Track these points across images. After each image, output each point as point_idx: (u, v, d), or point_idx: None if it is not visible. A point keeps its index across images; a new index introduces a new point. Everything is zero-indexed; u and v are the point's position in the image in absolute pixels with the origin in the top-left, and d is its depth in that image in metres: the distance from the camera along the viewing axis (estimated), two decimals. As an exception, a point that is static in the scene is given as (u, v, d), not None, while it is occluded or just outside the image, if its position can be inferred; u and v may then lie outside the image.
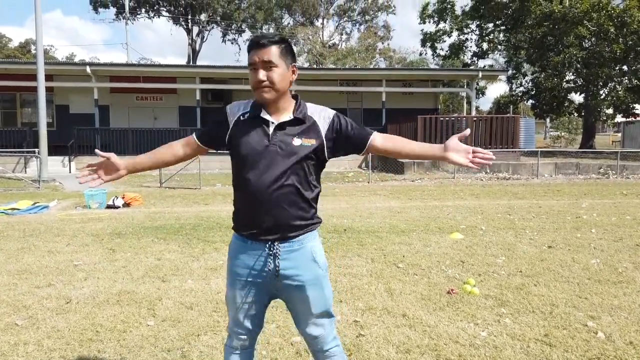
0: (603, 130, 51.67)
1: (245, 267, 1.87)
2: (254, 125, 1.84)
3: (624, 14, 19.40)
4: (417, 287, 4.06)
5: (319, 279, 1.90)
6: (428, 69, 29.70)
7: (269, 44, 1.79)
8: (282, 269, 1.83)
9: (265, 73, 1.79)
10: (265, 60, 1.78)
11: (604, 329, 3.18)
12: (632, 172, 14.59)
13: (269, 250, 1.83)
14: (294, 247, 1.85)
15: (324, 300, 1.92)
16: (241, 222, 1.91)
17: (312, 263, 1.89)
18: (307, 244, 1.88)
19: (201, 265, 4.72)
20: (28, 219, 7.47)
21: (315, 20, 47.99)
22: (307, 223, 1.88)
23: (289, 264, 1.84)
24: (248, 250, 1.87)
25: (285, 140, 1.81)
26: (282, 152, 1.80)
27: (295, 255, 1.85)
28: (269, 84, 1.79)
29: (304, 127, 1.85)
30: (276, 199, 1.79)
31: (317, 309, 1.91)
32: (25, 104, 20.31)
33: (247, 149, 1.82)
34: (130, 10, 38.46)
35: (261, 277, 1.86)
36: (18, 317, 3.42)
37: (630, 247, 5.47)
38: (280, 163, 1.79)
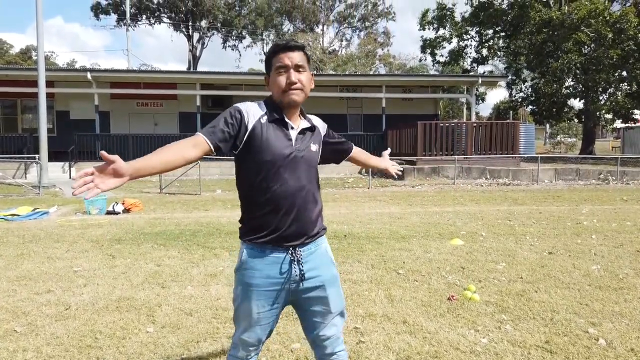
0: (603, 136, 51.74)
1: (265, 277, 1.83)
2: (276, 129, 1.81)
3: (621, 20, 19.49)
4: (417, 293, 4.05)
5: (336, 277, 1.97)
6: (428, 75, 29.82)
7: (298, 48, 1.83)
8: (306, 273, 1.85)
9: (298, 76, 1.81)
10: (298, 64, 1.81)
11: (605, 335, 3.17)
12: (632, 178, 14.59)
13: (291, 256, 1.83)
14: (312, 249, 1.89)
15: (340, 298, 1.98)
16: (261, 231, 1.82)
17: (329, 262, 1.96)
18: (322, 245, 1.95)
19: (201, 272, 4.71)
20: (28, 225, 7.46)
21: (316, 26, 48.18)
22: (321, 224, 1.96)
23: (310, 265, 1.87)
24: (267, 259, 1.83)
25: (306, 146, 1.87)
26: (304, 158, 1.84)
27: (314, 256, 1.89)
28: (300, 86, 1.82)
29: (315, 134, 1.94)
30: (301, 204, 1.82)
31: (335, 307, 1.94)
32: (26, 110, 20.35)
33: (272, 155, 1.77)
34: (131, 16, 38.62)
35: (282, 284, 1.84)
36: (17, 324, 3.41)
37: (631, 253, 5.46)
38: (304, 169, 1.84)
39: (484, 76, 23.67)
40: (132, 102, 20.50)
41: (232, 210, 9.07)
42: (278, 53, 1.82)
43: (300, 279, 1.84)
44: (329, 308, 1.92)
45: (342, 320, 2.00)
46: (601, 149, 30.34)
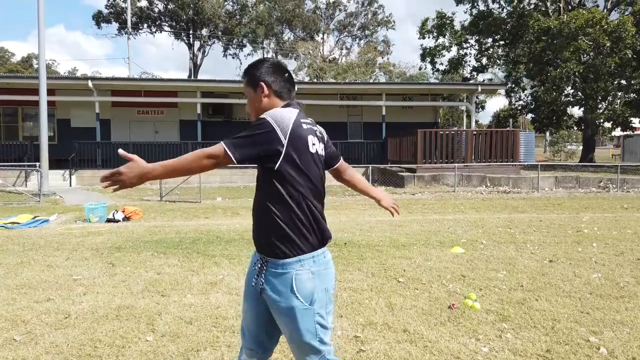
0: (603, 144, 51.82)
1: (250, 272, 1.98)
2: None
3: (619, 29, 19.60)
4: (417, 301, 4.04)
5: (292, 310, 1.78)
6: (427, 83, 29.89)
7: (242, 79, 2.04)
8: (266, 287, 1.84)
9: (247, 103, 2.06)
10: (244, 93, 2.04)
11: (607, 344, 3.16)
12: (632, 185, 14.59)
13: (261, 263, 1.90)
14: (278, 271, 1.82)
15: (298, 335, 1.80)
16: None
17: (288, 292, 1.79)
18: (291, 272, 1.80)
19: (201, 280, 4.70)
20: (28, 233, 7.45)
21: (316, 35, 48.46)
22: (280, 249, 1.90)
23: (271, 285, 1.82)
24: (252, 261, 2.01)
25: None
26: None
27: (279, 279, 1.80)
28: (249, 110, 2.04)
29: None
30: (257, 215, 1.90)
31: (292, 340, 1.85)
32: (27, 118, 20.40)
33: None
34: (132, 25, 38.85)
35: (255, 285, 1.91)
36: (16, 332, 3.40)
37: (631, 261, 5.45)
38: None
39: (483, 84, 23.75)
40: (133, 110, 20.56)
41: (232, 218, 9.06)
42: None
43: (260, 288, 1.85)
44: (287, 338, 1.87)
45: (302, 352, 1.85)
46: (601, 157, 30.37)
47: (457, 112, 42.20)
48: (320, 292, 1.81)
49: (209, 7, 40.07)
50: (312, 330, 1.80)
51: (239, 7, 44.17)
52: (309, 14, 47.17)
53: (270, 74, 1.91)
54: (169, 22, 43.44)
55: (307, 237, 1.79)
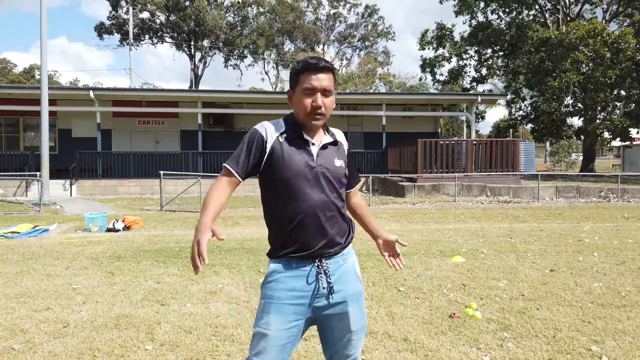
0: (603, 154, 51.85)
1: (288, 289, 1.81)
2: (297, 146, 1.83)
3: (619, 40, 19.71)
4: (418, 310, 4.02)
5: (360, 293, 1.94)
6: (428, 93, 30.02)
7: (327, 70, 1.81)
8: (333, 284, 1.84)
9: (324, 100, 1.81)
10: (325, 88, 1.80)
11: (608, 353, 3.14)
12: (632, 195, 14.57)
13: (317, 269, 1.82)
14: (339, 262, 1.88)
15: (362, 316, 1.95)
16: (286, 246, 1.83)
17: (355, 278, 1.93)
18: (350, 259, 1.93)
19: (200, 289, 4.69)
20: (28, 243, 7.44)
21: (316, 46, 48.79)
22: (347, 238, 1.92)
23: (336, 278, 1.86)
24: (293, 272, 1.82)
25: (329, 161, 1.86)
26: (327, 172, 1.84)
27: (341, 270, 1.88)
28: (324, 111, 1.82)
29: (338, 149, 1.94)
30: (325, 218, 1.82)
31: (355, 325, 1.90)
32: (28, 128, 20.48)
33: (292, 172, 1.79)
34: (134, 36, 39.13)
35: (307, 298, 1.81)
36: (15, 342, 3.38)
37: (632, 270, 5.43)
38: (327, 184, 1.83)
39: (483, 94, 23.85)
40: (134, 120, 20.63)
41: (232, 228, 9.05)
42: (308, 72, 1.79)
43: (328, 291, 1.83)
44: (350, 326, 1.88)
45: (361, 340, 1.96)
46: (602, 167, 30.38)
47: (457, 122, 42.31)
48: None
49: (210, 18, 40.39)
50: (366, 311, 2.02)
51: (240, 18, 44.53)
52: (309, 25, 47.55)
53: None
54: (171, 33, 43.75)
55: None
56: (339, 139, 1.97)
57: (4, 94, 18.48)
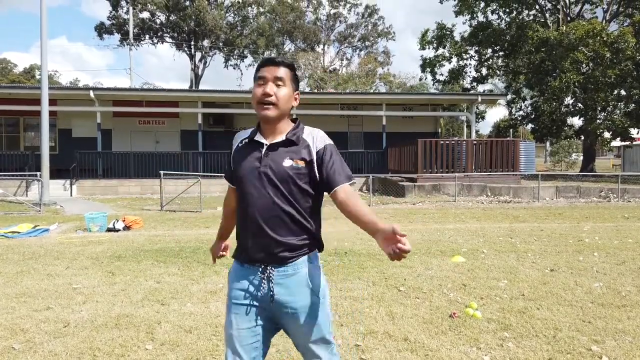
0: (603, 154, 51.86)
1: (242, 290, 1.85)
2: (250, 149, 1.87)
3: (618, 40, 19.71)
4: (418, 310, 4.02)
5: (313, 306, 1.84)
6: (428, 93, 30.02)
7: (282, 63, 1.84)
8: (276, 295, 1.79)
9: (274, 89, 1.80)
10: (277, 77, 1.80)
11: (609, 353, 3.14)
12: (633, 195, 14.57)
13: (261, 274, 1.81)
14: (288, 272, 1.81)
15: (318, 328, 1.86)
16: (239, 247, 1.91)
17: (305, 289, 1.83)
18: (302, 270, 1.83)
19: (201, 289, 4.69)
20: (28, 242, 7.44)
21: (316, 46, 48.81)
22: (301, 246, 1.82)
23: (283, 289, 1.80)
24: (244, 274, 1.86)
25: (276, 161, 1.79)
26: (271, 172, 1.78)
27: (289, 280, 1.81)
28: (274, 100, 1.79)
29: (295, 149, 1.82)
30: (268, 222, 1.78)
31: (310, 337, 1.86)
32: (28, 128, 20.48)
33: (241, 173, 1.84)
34: (134, 36, 39.13)
35: (257, 300, 1.83)
36: (15, 341, 3.38)
37: (633, 270, 5.43)
38: (270, 185, 1.77)
39: (483, 94, 23.85)
40: (134, 120, 20.64)
41: (233, 228, 9.04)
42: (261, 66, 1.84)
43: (270, 299, 1.80)
44: (304, 336, 1.85)
45: (327, 348, 1.90)
46: (602, 167, 30.37)
47: (458, 122, 42.32)
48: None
49: (210, 18, 40.39)
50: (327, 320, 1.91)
51: (240, 18, 44.54)
52: (309, 25, 47.55)
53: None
54: (171, 33, 43.76)
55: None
56: (306, 137, 1.84)
57: (4, 93, 18.49)
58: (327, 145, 1.85)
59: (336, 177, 1.80)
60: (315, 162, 1.82)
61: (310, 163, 1.81)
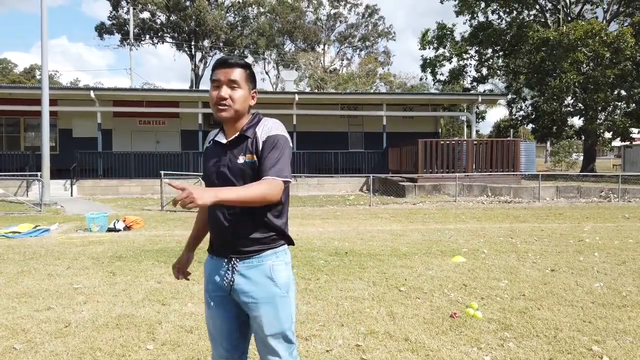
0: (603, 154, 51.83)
1: (212, 282, 1.93)
2: (213, 149, 1.94)
3: (618, 40, 19.71)
4: (419, 310, 4.02)
5: (274, 297, 1.85)
6: (428, 93, 30.02)
7: (235, 65, 1.85)
8: (237, 284, 1.85)
9: (229, 92, 1.83)
10: (231, 79, 1.83)
11: (609, 353, 3.14)
12: (633, 195, 14.56)
13: (227, 265, 1.88)
14: (252, 264, 1.86)
15: (277, 321, 1.86)
16: (209, 240, 2.00)
17: (267, 280, 1.86)
18: (267, 262, 1.86)
19: (201, 289, 4.67)
20: (29, 242, 7.45)
21: (317, 46, 48.81)
22: (265, 241, 1.86)
23: (244, 280, 1.85)
24: (213, 266, 1.95)
25: (232, 159, 1.83)
26: (230, 171, 1.83)
27: (252, 271, 1.85)
28: (229, 103, 1.83)
29: (246, 144, 1.83)
30: (230, 219, 1.84)
31: (269, 329, 1.85)
32: (28, 128, 20.48)
33: (206, 172, 1.92)
34: (134, 36, 39.14)
35: (224, 290, 1.90)
36: (16, 341, 3.38)
37: (633, 270, 5.43)
38: (229, 182, 1.81)
39: (484, 94, 23.84)
40: (135, 120, 20.64)
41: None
42: (215, 68, 1.87)
43: (229, 288, 1.87)
44: (262, 328, 1.85)
45: (286, 347, 1.88)
46: (602, 167, 30.36)
47: (458, 122, 42.31)
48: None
49: (210, 18, 40.40)
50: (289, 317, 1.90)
51: (241, 18, 44.56)
52: (310, 25, 47.56)
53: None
54: (171, 33, 43.78)
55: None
56: (257, 130, 1.83)
57: (5, 94, 18.49)
58: (272, 136, 1.81)
59: (265, 167, 1.76)
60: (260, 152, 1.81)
61: (258, 154, 1.81)
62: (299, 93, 20.02)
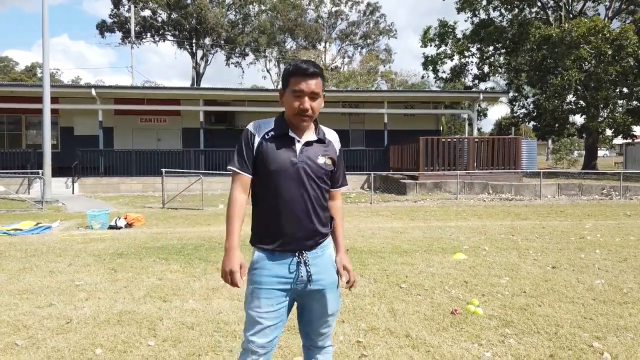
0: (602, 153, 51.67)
1: (273, 275, 1.96)
2: (282, 142, 1.97)
3: (620, 37, 19.64)
4: (420, 307, 4.03)
5: (336, 282, 2.10)
6: (429, 91, 29.94)
7: (315, 75, 1.94)
8: (313, 274, 1.98)
9: (311, 103, 1.93)
10: (314, 91, 1.93)
11: (610, 349, 3.14)
12: (635, 193, 14.54)
13: (298, 259, 1.96)
14: (318, 254, 2.02)
15: (337, 302, 2.12)
16: (269, 236, 1.99)
17: (331, 267, 2.07)
18: (327, 251, 2.07)
19: (202, 286, 4.70)
20: (30, 240, 7.47)
21: (318, 44, 48.71)
22: (327, 231, 2.07)
23: (315, 269, 1.99)
24: (276, 261, 1.97)
25: (312, 158, 1.98)
26: (309, 168, 1.95)
27: (319, 260, 2.02)
28: (312, 114, 1.95)
29: (325, 147, 2.04)
30: (306, 212, 1.95)
31: (332, 309, 2.08)
32: (30, 126, 20.50)
33: (276, 165, 1.94)
34: (135, 34, 39.13)
35: (289, 284, 1.97)
36: (18, 337, 3.39)
37: (634, 267, 5.43)
38: (307, 179, 1.95)
39: (485, 92, 23.79)
40: (136, 118, 20.65)
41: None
42: (298, 77, 1.93)
43: (307, 280, 1.98)
44: (326, 310, 2.06)
45: (334, 322, 2.16)
46: (604, 165, 30.31)
47: (459, 120, 42.25)
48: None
49: (211, 16, 40.33)
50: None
51: (242, 16, 44.46)
52: (311, 23, 47.46)
53: None
54: (172, 31, 43.71)
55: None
56: (329, 138, 2.08)
57: (6, 92, 18.50)
58: (341, 148, 2.15)
59: (341, 178, 2.15)
60: (337, 157, 2.09)
61: (334, 162, 2.07)
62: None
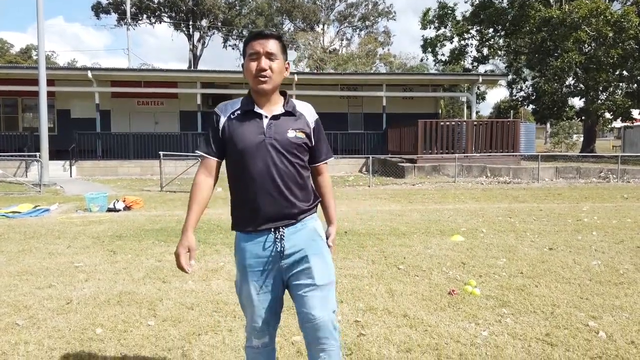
0: (603, 135, 51.71)
1: (255, 257, 1.93)
2: (247, 119, 1.91)
3: (622, 19, 19.47)
4: (418, 288, 4.06)
5: (321, 249, 1.99)
6: (428, 74, 29.71)
7: (271, 36, 1.88)
8: (287, 249, 1.91)
9: (268, 63, 1.85)
10: (269, 51, 1.86)
11: (606, 328, 3.18)
12: (632, 176, 14.57)
13: (274, 235, 1.90)
14: (298, 228, 1.94)
15: (328, 272, 1.98)
16: (244, 216, 1.96)
17: (316, 236, 1.99)
18: (309, 224, 1.98)
19: (202, 267, 4.72)
20: (29, 222, 7.47)
21: (316, 26, 48.20)
22: (307, 206, 1.97)
23: (292, 243, 1.92)
24: (254, 241, 1.93)
25: (280, 132, 1.89)
26: (277, 143, 1.88)
27: (298, 235, 1.93)
28: (269, 74, 1.86)
29: (295, 120, 1.94)
30: (278, 189, 1.88)
31: (321, 279, 1.94)
32: (26, 109, 20.36)
33: (243, 144, 1.88)
34: (131, 16, 38.62)
35: (270, 262, 1.92)
36: (19, 317, 3.42)
37: (631, 249, 5.47)
38: (277, 154, 1.87)
39: (484, 75, 23.65)
40: (133, 101, 20.52)
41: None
42: (252, 40, 1.89)
43: (280, 256, 1.91)
44: (315, 280, 1.92)
45: (331, 302, 1.96)
46: (602, 148, 30.32)
47: (458, 103, 42.07)
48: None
49: (208, -3, 39.80)
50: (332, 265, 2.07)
51: (239, -3, 43.89)
52: (309, 4, 46.89)
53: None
54: (169, 12, 43.18)
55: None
56: (300, 110, 1.98)
57: (2, 74, 18.30)
58: (318, 119, 2.03)
59: (323, 151, 2.05)
60: (312, 134, 1.98)
61: (309, 135, 1.96)
62: (298, 73, 19.81)
